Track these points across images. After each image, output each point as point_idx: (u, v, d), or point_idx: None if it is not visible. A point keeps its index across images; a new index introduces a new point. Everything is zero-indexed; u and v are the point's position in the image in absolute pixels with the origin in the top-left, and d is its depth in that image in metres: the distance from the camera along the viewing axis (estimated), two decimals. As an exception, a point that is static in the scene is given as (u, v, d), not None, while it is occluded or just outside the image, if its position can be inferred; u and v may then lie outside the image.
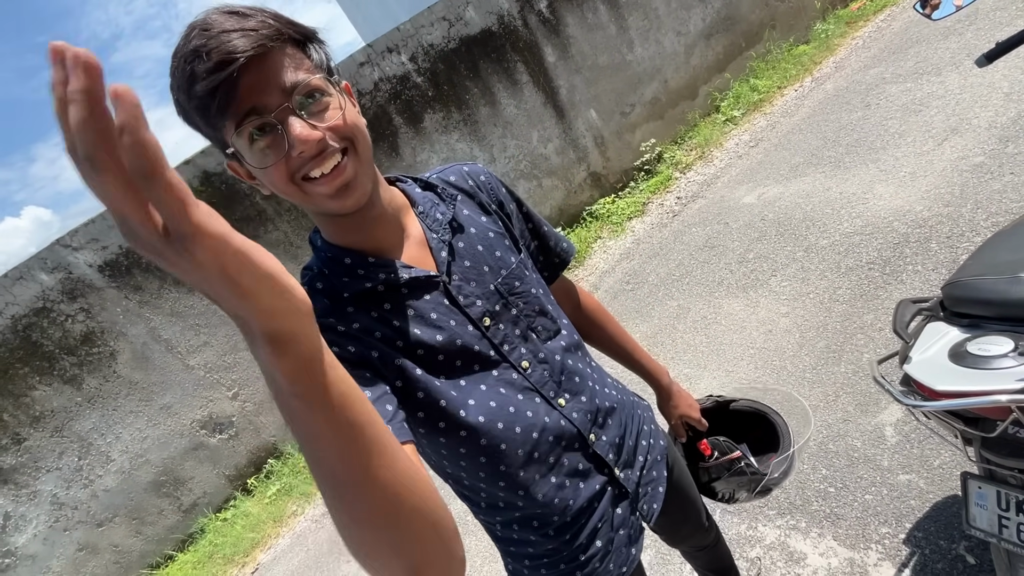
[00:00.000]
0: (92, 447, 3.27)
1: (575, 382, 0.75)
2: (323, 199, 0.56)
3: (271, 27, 0.51)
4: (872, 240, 2.40)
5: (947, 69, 3.30)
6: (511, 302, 0.71)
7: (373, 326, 0.62)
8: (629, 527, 0.81)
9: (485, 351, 0.68)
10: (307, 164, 0.54)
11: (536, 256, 0.85)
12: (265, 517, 3.35)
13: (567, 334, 0.78)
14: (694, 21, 4.60)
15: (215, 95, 0.49)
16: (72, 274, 3.13)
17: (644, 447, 0.85)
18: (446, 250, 0.68)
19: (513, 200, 0.81)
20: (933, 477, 1.46)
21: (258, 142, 0.53)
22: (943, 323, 0.97)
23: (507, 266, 0.73)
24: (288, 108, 0.52)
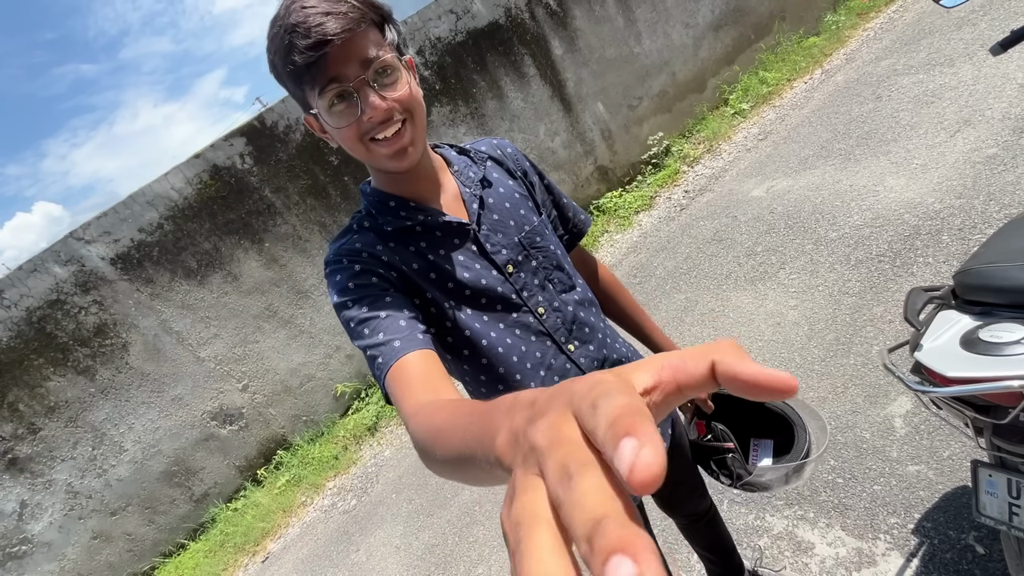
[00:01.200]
0: (105, 437, 3.33)
1: (585, 332, 0.84)
2: (383, 159, 0.67)
3: (358, 11, 0.60)
4: (883, 232, 2.38)
5: (960, 60, 3.26)
6: (532, 254, 0.80)
7: (411, 259, 0.73)
8: None
9: (507, 294, 0.77)
10: (375, 128, 0.64)
11: (556, 225, 0.94)
12: (275, 507, 3.40)
13: (581, 291, 0.87)
14: (703, 13, 4.56)
15: (309, 68, 0.59)
16: (85, 267, 3.17)
17: None
18: (477, 203, 0.78)
19: (536, 172, 0.91)
20: (942, 468, 1.46)
21: (336, 106, 0.63)
22: (955, 311, 0.97)
23: (530, 223, 0.82)
24: (364, 80, 0.62)
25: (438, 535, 2.38)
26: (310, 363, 3.74)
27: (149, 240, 3.28)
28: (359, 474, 3.30)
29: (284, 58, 0.60)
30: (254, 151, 3.43)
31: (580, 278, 0.89)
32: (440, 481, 2.71)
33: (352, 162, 3.63)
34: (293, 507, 3.38)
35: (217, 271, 3.44)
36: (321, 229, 3.64)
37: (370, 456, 3.40)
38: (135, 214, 3.24)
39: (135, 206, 3.24)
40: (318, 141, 3.53)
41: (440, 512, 2.51)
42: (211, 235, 3.40)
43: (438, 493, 2.64)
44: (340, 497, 3.21)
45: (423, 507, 2.62)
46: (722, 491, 1.75)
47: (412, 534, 2.50)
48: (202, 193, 3.35)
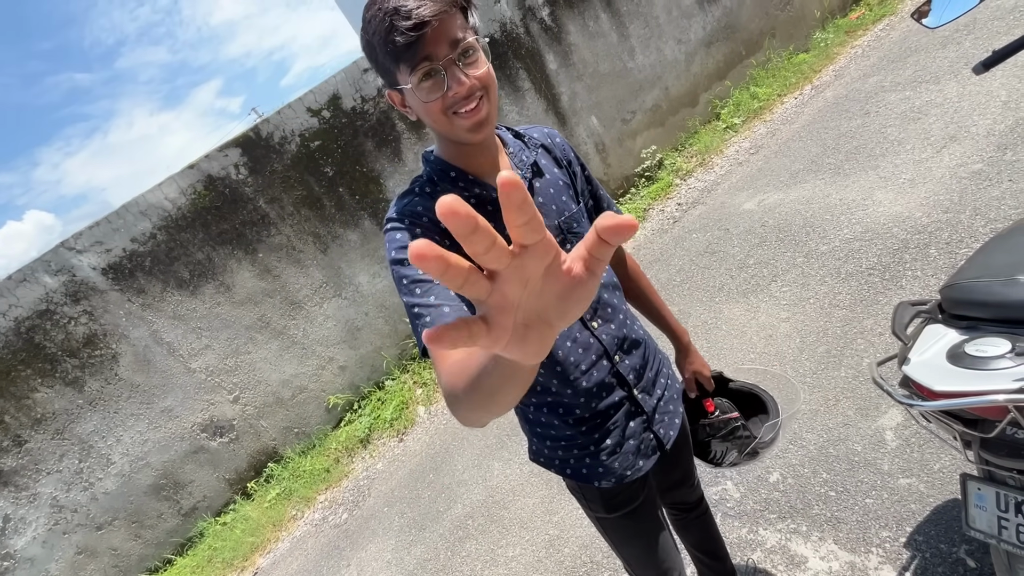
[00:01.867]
0: (93, 450, 3.27)
1: (608, 312, 0.92)
2: (463, 131, 0.73)
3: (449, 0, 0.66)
4: (872, 246, 2.41)
5: (945, 77, 3.33)
6: (568, 238, 0.87)
7: None
8: (639, 440, 0.95)
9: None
10: (458, 103, 0.70)
11: (591, 214, 1.01)
12: (264, 521, 3.34)
13: (608, 275, 0.95)
14: (695, 29, 4.64)
15: (409, 47, 0.65)
16: (75, 276, 3.15)
17: (663, 383, 1.01)
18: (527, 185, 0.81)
19: (579, 163, 0.98)
20: (933, 481, 1.47)
21: (425, 82, 0.69)
22: (941, 325, 0.99)
23: (569, 210, 0.88)
24: (452, 60, 0.68)
25: (430, 549, 2.36)
26: (302, 374, 3.72)
27: (141, 250, 3.26)
28: (351, 487, 3.26)
29: (384, 37, 0.66)
30: (249, 162, 3.43)
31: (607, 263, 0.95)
32: (432, 495, 2.68)
33: (347, 174, 3.65)
34: (283, 521, 3.33)
35: (210, 281, 3.42)
36: (315, 240, 3.64)
37: (362, 469, 3.37)
38: (128, 224, 3.23)
39: (128, 216, 3.23)
40: (313, 152, 3.54)
41: (433, 526, 2.48)
42: (204, 245, 3.39)
43: (431, 507, 2.61)
44: (331, 511, 3.17)
45: (415, 521, 2.59)
46: (715, 504, 1.75)
47: (404, 548, 2.47)
48: (196, 203, 3.35)
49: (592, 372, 0.89)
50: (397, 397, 3.66)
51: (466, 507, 2.45)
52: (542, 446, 0.99)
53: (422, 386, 3.71)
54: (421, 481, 2.85)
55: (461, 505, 2.48)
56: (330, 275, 3.71)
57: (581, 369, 0.88)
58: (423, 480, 2.85)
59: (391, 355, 3.91)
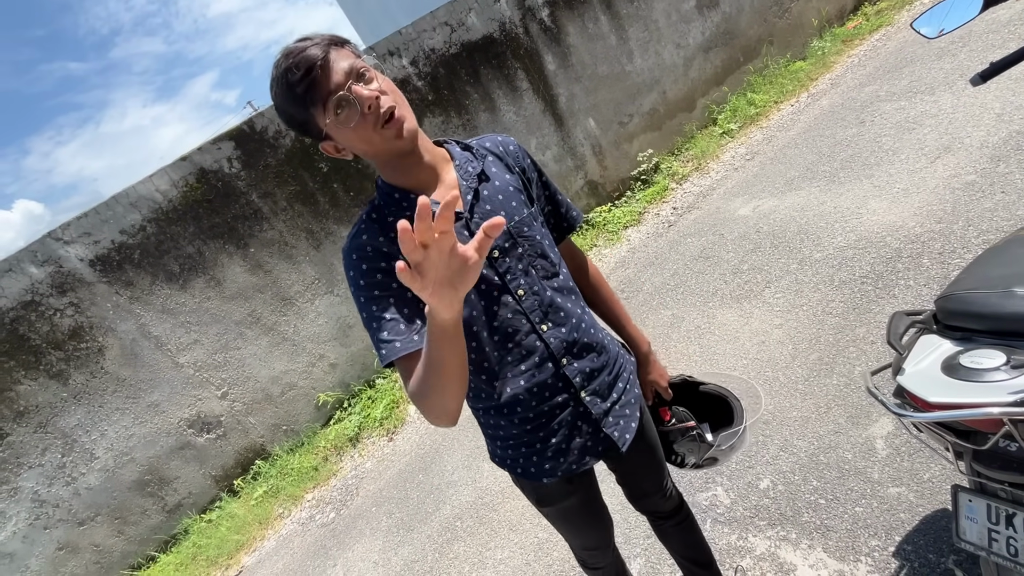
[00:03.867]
0: (76, 444, 3.22)
1: (560, 316, 0.93)
2: (392, 139, 0.78)
3: (328, 40, 0.76)
4: (865, 254, 2.42)
5: (940, 89, 3.36)
6: (519, 242, 0.90)
7: None
8: (587, 439, 0.99)
9: (491, 277, 0.87)
10: (376, 115, 0.76)
11: (549, 218, 1.04)
12: (250, 519, 3.31)
13: (563, 279, 0.96)
14: (693, 35, 4.66)
15: (310, 90, 0.73)
16: (63, 268, 3.09)
17: (620, 388, 1.03)
18: (471, 194, 0.87)
19: (535, 169, 1.02)
20: (923, 490, 1.47)
21: (340, 112, 0.75)
22: (936, 336, 0.98)
23: (520, 214, 0.91)
24: (351, 83, 0.75)
25: (418, 551, 2.33)
26: (292, 371, 3.68)
27: (130, 242, 3.22)
28: (339, 486, 3.23)
29: (288, 91, 0.74)
30: (243, 155, 3.39)
31: (565, 268, 0.99)
32: (421, 495, 2.66)
33: (341, 170, 3.61)
34: (270, 519, 3.29)
35: (200, 275, 3.38)
36: (308, 236, 3.60)
37: (351, 468, 3.34)
38: (117, 215, 3.18)
39: (117, 207, 3.18)
40: (308, 147, 3.51)
41: (420, 527, 2.46)
42: (195, 239, 3.34)
43: (419, 507, 2.59)
44: (319, 510, 3.14)
45: (403, 521, 2.57)
46: (705, 510, 1.75)
47: (391, 549, 2.45)
48: (187, 196, 3.30)
49: (534, 373, 0.92)
50: (388, 396, 3.63)
51: (455, 508, 2.43)
52: (495, 446, 1.04)
53: (413, 385, 3.69)
54: (410, 481, 2.83)
55: (450, 506, 2.46)
56: (323, 271, 3.68)
57: (521, 370, 0.92)
58: (412, 480, 2.82)
59: (383, 353, 3.89)
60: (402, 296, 0.82)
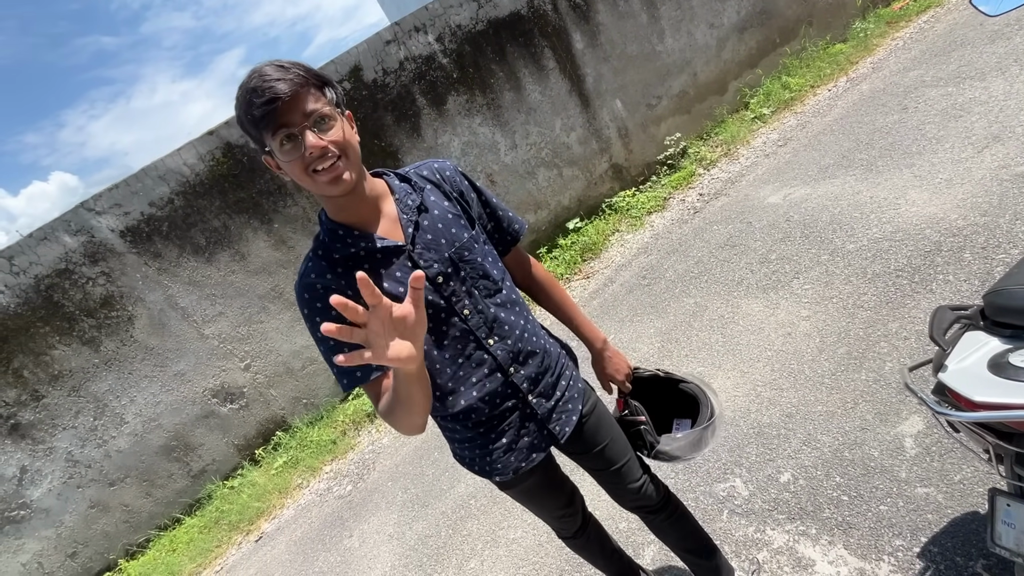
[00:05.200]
0: (107, 408, 3.34)
1: (504, 329, 1.00)
2: (323, 186, 0.82)
3: (303, 78, 0.78)
4: (902, 247, 2.32)
5: (992, 74, 3.17)
6: (461, 267, 0.95)
7: (355, 285, 0.91)
8: (533, 437, 1.06)
9: (437, 301, 0.93)
10: (315, 161, 0.80)
11: (492, 234, 1.09)
12: (271, 488, 3.41)
13: (506, 294, 1.02)
14: (728, 14, 4.48)
15: (264, 118, 0.77)
16: (95, 238, 3.17)
17: (563, 386, 1.09)
18: (412, 227, 0.92)
19: (473, 191, 1.05)
20: (953, 492, 1.42)
21: (286, 145, 0.79)
22: (983, 332, 0.93)
23: (460, 240, 0.96)
24: (306, 126, 0.78)
25: (432, 526, 2.37)
26: (313, 346, 3.73)
27: (159, 215, 3.28)
28: (356, 460, 3.30)
29: (246, 112, 0.78)
30: (268, 131, 3.41)
31: (508, 282, 1.04)
32: (436, 472, 2.70)
33: (365, 147, 3.59)
34: (289, 489, 3.39)
35: (225, 249, 3.43)
36: (331, 213, 3.62)
37: (368, 443, 3.40)
38: (146, 188, 3.23)
39: (147, 180, 3.23)
40: (332, 124, 3.50)
41: (435, 503, 2.50)
42: (221, 213, 3.39)
43: (434, 484, 2.62)
44: (336, 482, 3.21)
45: (418, 497, 2.61)
46: (722, 500, 1.73)
47: (406, 523, 2.49)
48: (214, 170, 3.34)
49: (484, 383, 0.99)
50: (405, 374, 3.67)
51: (469, 487, 2.45)
52: (455, 447, 1.12)
53: (431, 365, 3.72)
54: (426, 458, 2.87)
55: (464, 484, 2.49)
56: (344, 249, 3.70)
57: (472, 382, 0.98)
58: (428, 457, 2.86)
59: (401, 332, 3.92)
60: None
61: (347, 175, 0.82)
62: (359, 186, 0.87)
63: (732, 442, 1.90)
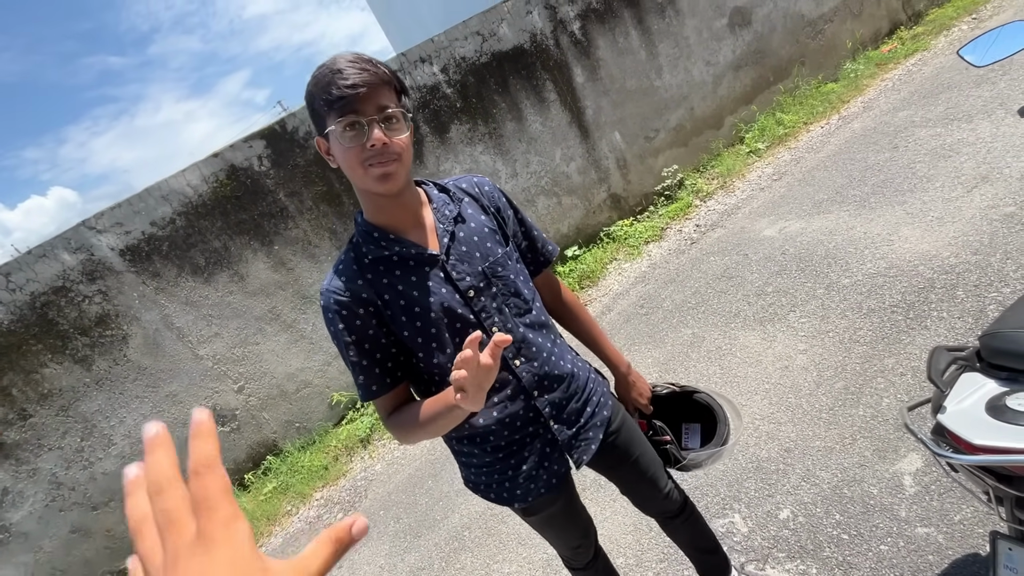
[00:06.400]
0: (95, 429, 3.28)
1: (532, 351, 0.98)
2: (373, 181, 0.83)
3: (387, 76, 0.82)
4: (896, 283, 2.36)
5: (979, 117, 3.28)
6: (493, 282, 0.94)
7: (384, 289, 0.90)
8: (552, 464, 1.04)
9: (466, 315, 0.92)
10: (373, 156, 0.81)
11: (525, 253, 1.09)
12: (259, 514, 3.32)
13: (536, 314, 1.00)
14: (724, 52, 4.63)
15: (341, 101, 0.78)
16: (94, 256, 3.17)
17: (588, 413, 1.07)
18: (448, 237, 0.92)
19: (510, 207, 1.05)
20: (953, 532, 1.41)
21: (349, 132, 0.80)
22: (979, 374, 0.95)
23: (494, 255, 0.95)
24: (375, 120, 0.80)
25: (424, 558, 2.32)
26: (308, 369, 3.71)
27: (160, 234, 3.29)
28: (348, 487, 3.24)
29: (323, 90, 0.79)
30: (272, 154, 3.45)
31: (538, 303, 1.04)
32: (430, 502, 2.65)
33: (368, 172, 3.65)
34: (278, 516, 3.31)
35: (224, 270, 3.44)
36: (331, 236, 3.64)
37: (360, 469, 3.34)
38: (149, 207, 3.25)
39: (149, 199, 3.25)
40: (336, 149, 3.55)
41: (428, 534, 2.44)
42: (222, 234, 3.41)
43: (427, 514, 2.57)
44: (327, 509, 3.14)
45: (411, 527, 2.55)
46: (721, 537, 1.70)
47: (397, 555, 2.43)
48: (217, 192, 3.37)
49: (506, 405, 0.97)
50: (401, 399, 3.64)
51: (463, 518, 2.41)
52: (468, 473, 1.09)
53: (426, 390, 3.69)
54: (419, 487, 2.82)
55: (458, 515, 2.44)
56: (343, 272, 3.71)
57: (493, 402, 0.96)
58: (421, 486, 2.81)
59: (398, 356, 3.90)
60: (376, 342, 0.91)
61: (398, 176, 0.84)
62: (405, 191, 0.88)
63: (731, 476, 1.89)
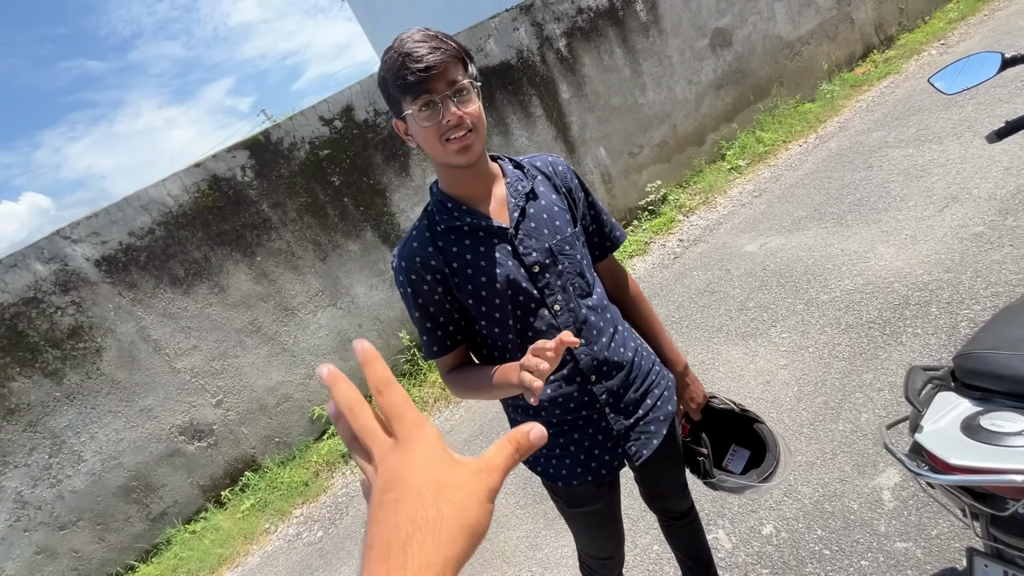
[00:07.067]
0: (65, 445, 3.17)
1: (592, 334, 0.98)
2: (452, 154, 0.85)
3: (453, 50, 0.83)
4: (873, 299, 2.42)
5: (948, 139, 3.40)
6: (559, 260, 0.95)
7: (453, 257, 0.93)
8: (605, 454, 1.03)
9: (530, 290, 0.94)
10: (450, 130, 0.84)
11: (592, 237, 1.09)
12: (236, 532, 3.23)
13: (597, 298, 1.01)
14: (706, 72, 4.74)
15: (416, 83, 0.80)
16: (68, 266, 3.09)
17: (648, 405, 1.06)
18: (519, 212, 0.94)
19: (582, 190, 1.07)
20: (931, 547, 1.44)
21: (424, 112, 0.83)
22: (954, 393, 0.97)
23: (562, 233, 0.96)
24: (447, 96, 0.82)
25: (407, 577, 2.27)
26: (289, 382, 3.64)
27: (138, 244, 3.22)
28: (329, 504, 3.17)
29: (396, 74, 0.81)
30: (256, 165, 3.42)
31: (600, 287, 1.04)
32: (413, 518, 2.60)
33: (353, 184, 3.64)
34: (255, 534, 3.22)
35: (204, 281, 3.37)
36: (315, 248, 3.61)
37: (342, 485, 3.28)
38: (127, 217, 3.19)
39: (128, 209, 3.19)
40: (321, 160, 3.54)
41: (411, 552, 2.40)
42: (202, 244, 3.35)
43: (410, 531, 2.53)
44: (306, 527, 3.07)
45: (393, 545, 2.50)
46: (706, 554, 1.71)
47: (379, 574, 2.38)
48: (198, 202, 3.32)
49: (561, 384, 0.98)
50: (384, 413, 3.58)
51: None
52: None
53: (410, 404, 3.64)
54: (402, 503, 2.77)
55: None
56: (327, 284, 3.67)
57: (549, 379, 0.97)
58: (404, 502, 2.77)
59: (381, 369, 3.85)
60: (441, 307, 0.95)
61: (475, 147, 0.86)
62: (480, 161, 0.91)
63: (714, 492, 1.90)
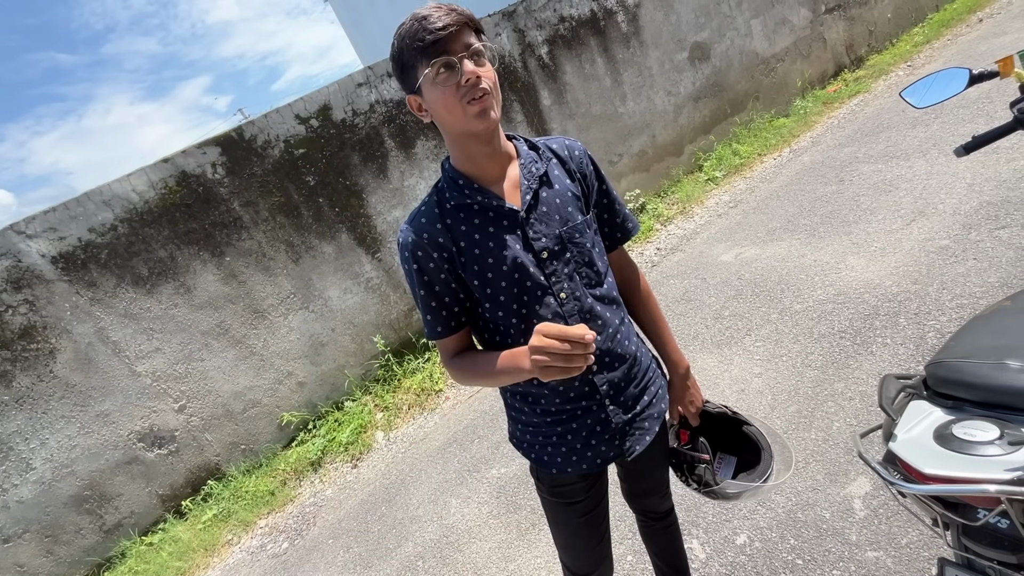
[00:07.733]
0: (12, 452, 2.98)
1: (597, 324, 0.96)
2: (471, 119, 0.83)
3: (466, 18, 0.83)
4: (844, 309, 2.46)
5: (915, 155, 3.52)
6: (568, 247, 0.94)
7: (461, 236, 0.91)
8: (601, 446, 1.02)
9: (537, 275, 0.92)
10: (469, 91, 0.81)
11: (603, 226, 1.06)
12: (196, 544, 3.09)
13: (606, 289, 0.99)
14: (685, 84, 4.82)
15: (433, 43, 0.80)
16: (21, 263, 2.93)
17: (645, 401, 1.05)
18: (531, 195, 0.92)
19: (597, 177, 1.04)
20: (900, 556, 1.44)
21: (443, 73, 0.82)
22: (926, 402, 0.97)
23: (573, 220, 0.94)
24: (465, 56, 0.82)
25: (374, 591, 2.19)
26: (257, 388, 3.52)
27: (99, 241, 3.07)
28: (295, 513, 3.05)
29: (413, 37, 0.81)
30: (228, 162, 3.31)
31: (611, 278, 1.01)
32: (383, 529, 2.53)
33: (329, 185, 3.56)
34: (217, 546, 3.08)
35: (169, 281, 3.24)
36: (288, 248, 3.51)
37: (309, 494, 3.17)
38: (88, 212, 3.04)
39: (89, 204, 3.05)
40: (296, 159, 3.45)
41: (380, 564, 2.32)
42: (168, 243, 3.22)
43: (379, 543, 2.45)
44: (271, 538, 2.95)
45: (361, 557, 2.42)
46: (680, 564, 1.68)
47: (346, 587, 2.29)
48: (165, 199, 3.19)
49: None
50: (356, 420, 3.49)
51: (417, 546, 2.31)
52: (515, 429, 1.08)
53: (383, 410, 3.56)
54: (372, 513, 2.69)
55: (412, 543, 2.34)
56: (299, 286, 3.57)
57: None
58: (374, 512, 2.68)
59: (354, 374, 3.76)
60: (446, 286, 0.93)
61: (494, 112, 0.84)
62: (496, 135, 0.89)
63: (689, 501, 1.88)
